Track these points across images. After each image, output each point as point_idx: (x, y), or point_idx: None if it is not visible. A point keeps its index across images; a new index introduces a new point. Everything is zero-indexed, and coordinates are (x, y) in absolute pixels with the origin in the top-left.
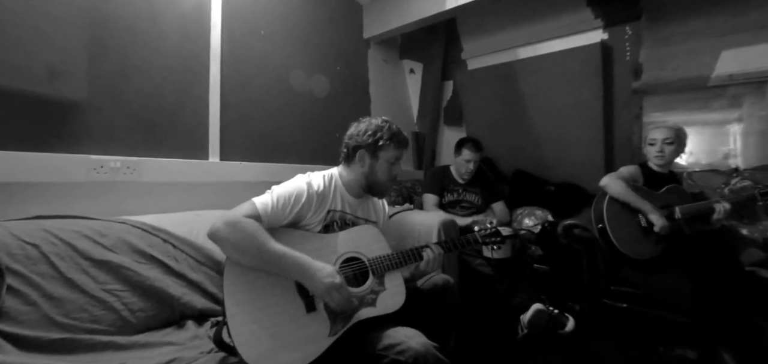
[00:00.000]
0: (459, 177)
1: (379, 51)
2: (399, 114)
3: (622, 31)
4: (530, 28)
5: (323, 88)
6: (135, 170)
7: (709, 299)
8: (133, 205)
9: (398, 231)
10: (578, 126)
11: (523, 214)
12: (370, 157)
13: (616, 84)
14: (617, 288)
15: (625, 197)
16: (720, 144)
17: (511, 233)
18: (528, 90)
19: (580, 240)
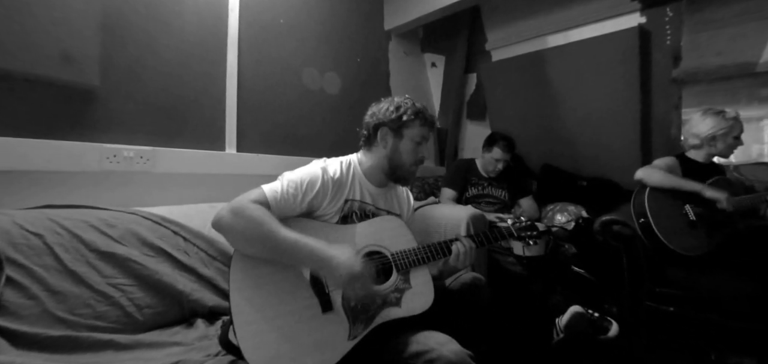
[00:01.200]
0: (485, 171)
1: (401, 43)
2: None
3: (662, 12)
4: (560, 13)
5: (343, 80)
6: (149, 160)
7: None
8: (146, 196)
9: (423, 225)
10: (612, 118)
11: (555, 210)
12: (394, 136)
13: (655, 71)
14: (662, 290)
15: (670, 183)
16: (755, 138)
17: (546, 229)
18: (558, 80)
19: (620, 237)
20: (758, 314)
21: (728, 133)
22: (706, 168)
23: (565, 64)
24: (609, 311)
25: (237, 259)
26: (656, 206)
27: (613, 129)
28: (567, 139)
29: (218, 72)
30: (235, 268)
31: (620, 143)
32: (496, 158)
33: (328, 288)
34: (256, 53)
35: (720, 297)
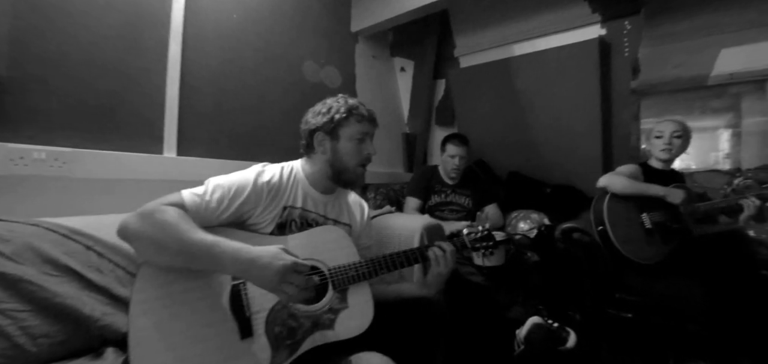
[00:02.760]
0: (446, 176)
1: (369, 46)
2: (389, 113)
3: (620, 25)
4: (526, 23)
5: (304, 82)
6: (66, 163)
7: (725, 306)
8: (62, 205)
9: (378, 236)
10: (576, 125)
11: (518, 217)
12: (330, 139)
13: (615, 82)
14: (621, 296)
15: (631, 189)
16: (711, 146)
17: (505, 238)
18: (523, 88)
19: (580, 245)
20: (710, 317)
21: (651, 135)
22: (667, 175)
23: (531, 72)
24: (571, 318)
25: (144, 274)
26: (614, 214)
27: (576, 137)
28: (533, 146)
29: (158, 67)
30: (139, 286)
31: (583, 151)
32: (451, 154)
33: (249, 310)
34: (204, 49)
35: (675, 302)
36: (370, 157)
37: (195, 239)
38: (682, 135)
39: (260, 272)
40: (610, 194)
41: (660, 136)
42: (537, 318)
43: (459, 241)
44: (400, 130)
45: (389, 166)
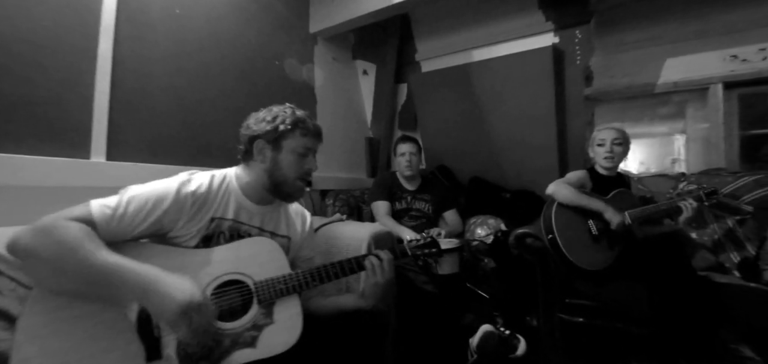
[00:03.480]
0: (402, 177)
1: (329, 48)
2: (351, 117)
3: (572, 34)
4: (484, 29)
5: (257, 83)
6: None
7: (665, 308)
8: None
9: (325, 246)
10: (532, 131)
11: (476, 223)
12: (272, 148)
13: (569, 89)
14: (572, 301)
15: (575, 201)
16: (668, 151)
17: (456, 245)
18: (483, 94)
19: (533, 250)
20: (654, 320)
21: (593, 143)
22: (613, 180)
23: (489, 78)
24: (529, 323)
25: (37, 297)
26: (562, 221)
27: (533, 143)
28: (493, 152)
29: (86, 64)
30: (29, 308)
31: (540, 157)
32: (401, 153)
33: (159, 330)
34: (141, 46)
35: (621, 306)
36: (311, 172)
37: (97, 261)
38: (622, 142)
39: (160, 303)
40: (557, 202)
41: (602, 144)
42: (488, 326)
43: (400, 249)
44: (364, 134)
45: (351, 172)
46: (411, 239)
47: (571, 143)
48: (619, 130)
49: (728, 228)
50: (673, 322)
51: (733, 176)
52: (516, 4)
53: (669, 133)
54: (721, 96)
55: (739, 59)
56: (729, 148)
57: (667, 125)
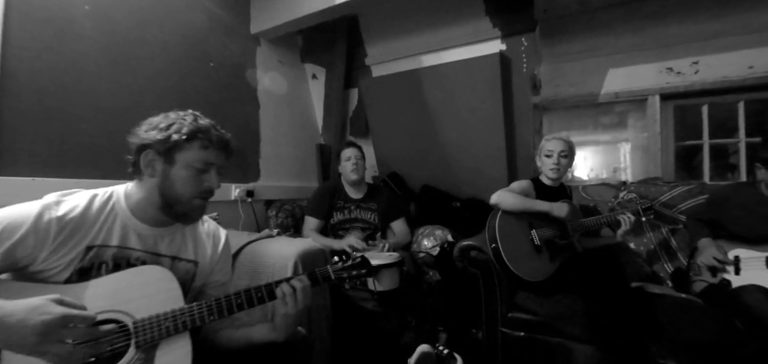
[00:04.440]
0: (349, 186)
1: (274, 50)
2: (300, 123)
3: (518, 42)
4: (433, 34)
5: (186, 89)
6: None
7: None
8: None
9: (251, 266)
10: (482, 139)
11: (424, 234)
12: (163, 161)
13: (516, 97)
14: (514, 315)
15: (520, 206)
16: (614, 159)
17: (395, 260)
18: (433, 100)
19: (477, 263)
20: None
21: (541, 153)
22: (556, 190)
23: (439, 85)
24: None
25: None
26: (505, 231)
27: (482, 150)
28: (444, 159)
29: None
30: None
31: (489, 165)
32: (346, 158)
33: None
34: (39, 44)
35: (560, 320)
36: (212, 190)
37: None
38: (568, 154)
39: (9, 335)
40: (501, 211)
41: (550, 155)
42: (426, 346)
43: (322, 273)
44: (315, 141)
45: (301, 180)
46: (337, 260)
47: (520, 151)
48: (566, 142)
49: (662, 238)
50: (608, 336)
51: (667, 186)
52: (464, 9)
53: (613, 141)
54: (658, 107)
55: (674, 72)
56: (665, 157)
57: (611, 134)
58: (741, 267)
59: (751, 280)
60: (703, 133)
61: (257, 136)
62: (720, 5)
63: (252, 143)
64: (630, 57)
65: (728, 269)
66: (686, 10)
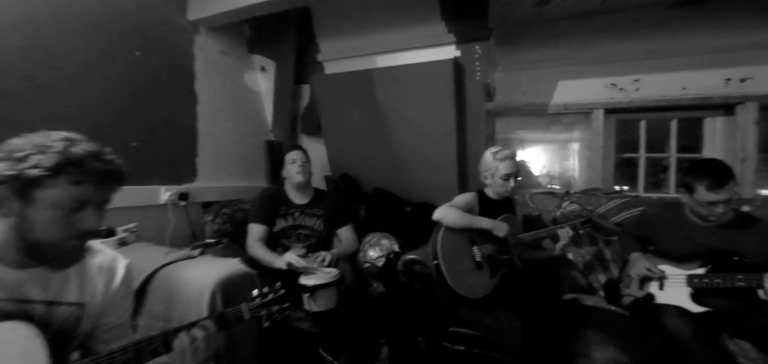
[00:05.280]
0: (293, 190)
1: (216, 40)
2: (247, 118)
3: (472, 49)
4: (388, 34)
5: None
6: None
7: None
8: None
9: (166, 293)
10: (434, 144)
11: (370, 243)
12: (18, 200)
13: (470, 104)
14: (455, 329)
15: (462, 222)
16: (562, 166)
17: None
18: (386, 102)
19: (420, 277)
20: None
21: (495, 174)
22: (501, 204)
23: (393, 87)
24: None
25: None
26: (447, 247)
27: (434, 156)
28: (396, 163)
29: None
30: None
31: (441, 170)
32: (291, 161)
33: None
34: None
35: (498, 335)
36: (92, 231)
37: None
38: (519, 174)
39: None
40: (444, 227)
41: (507, 178)
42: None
43: (233, 314)
44: (263, 137)
45: (247, 179)
46: (256, 294)
47: (472, 158)
48: (518, 164)
49: (598, 249)
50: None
51: (606, 197)
52: (420, 12)
53: (563, 149)
54: (601, 121)
55: (617, 88)
56: (606, 169)
57: (561, 142)
58: (664, 283)
59: (672, 295)
60: (640, 147)
61: (194, 133)
62: (660, 28)
63: (187, 141)
64: (579, 70)
65: (655, 281)
66: (630, 30)
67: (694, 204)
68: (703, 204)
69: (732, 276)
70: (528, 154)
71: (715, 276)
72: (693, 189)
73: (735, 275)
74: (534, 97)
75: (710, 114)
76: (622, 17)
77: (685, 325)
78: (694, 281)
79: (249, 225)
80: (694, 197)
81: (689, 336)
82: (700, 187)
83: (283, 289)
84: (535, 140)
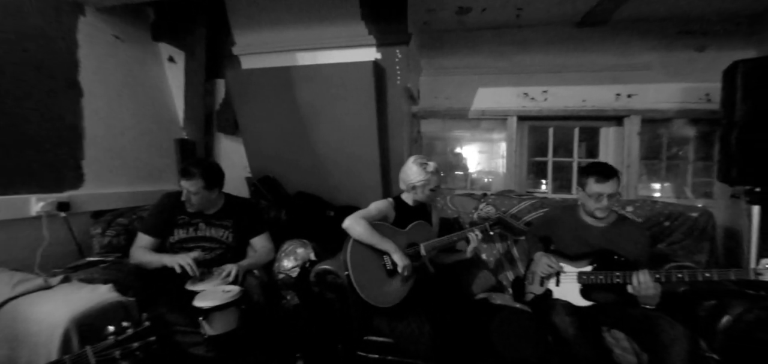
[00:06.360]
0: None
1: (106, 23)
2: (152, 114)
3: (392, 53)
4: (308, 31)
5: None
6: None
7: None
8: None
9: (11, 332)
10: (357, 146)
11: (286, 252)
12: None
13: (391, 107)
14: (370, 338)
15: (366, 239)
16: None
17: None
18: (308, 102)
19: (333, 288)
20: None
21: (425, 186)
22: (416, 210)
23: (314, 86)
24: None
25: None
26: (357, 257)
27: (357, 158)
28: (319, 165)
29: None
30: None
31: (363, 173)
32: (188, 189)
33: None
34: None
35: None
36: None
37: None
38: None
39: None
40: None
41: (434, 190)
42: None
43: (71, 360)
44: (174, 135)
45: (152, 182)
46: (111, 331)
47: (394, 160)
48: (440, 178)
49: (507, 248)
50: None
51: (518, 198)
52: (341, 10)
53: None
54: (515, 127)
55: (529, 97)
56: (520, 172)
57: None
58: (560, 280)
59: (566, 291)
60: (548, 152)
61: (78, 131)
62: (566, 45)
63: (69, 141)
64: (496, 79)
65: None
66: (541, 44)
67: (586, 199)
68: (593, 196)
69: (611, 273)
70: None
71: (599, 273)
72: (585, 184)
73: (613, 272)
74: (456, 103)
75: (605, 124)
76: (534, 32)
77: (569, 322)
78: (583, 278)
79: (138, 234)
80: (585, 191)
81: (573, 332)
82: (590, 180)
83: (147, 321)
84: (459, 143)
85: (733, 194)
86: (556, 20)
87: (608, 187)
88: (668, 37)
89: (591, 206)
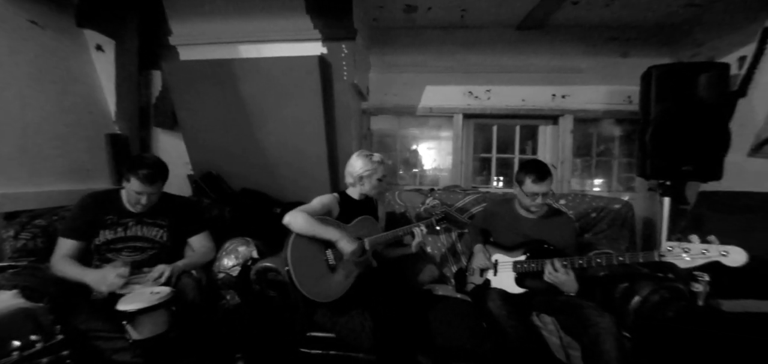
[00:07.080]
0: (131, 207)
1: (18, 6)
2: (80, 108)
3: (339, 48)
4: (251, 22)
5: None
6: None
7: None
8: None
9: None
10: (304, 142)
11: (227, 251)
12: None
13: (338, 102)
14: (312, 334)
15: (310, 231)
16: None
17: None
18: (252, 96)
19: (274, 285)
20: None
21: (372, 175)
22: (361, 204)
23: (258, 80)
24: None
25: None
26: (298, 253)
27: (304, 154)
28: (265, 161)
29: None
30: None
31: (311, 168)
32: (137, 191)
33: None
34: None
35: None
36: None
37: None
38: (386, 174)
39: None
40: (294, 232)
41: (381, 180)
42: None
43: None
44: (104, 130)
45: (80, 181)
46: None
47: (342, 156)
48: (384, 164)
49: (452, 242)
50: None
51: (463, 193)
52: (284, 3)
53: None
54: (460, 124)
55: (473, 96)
56: (466, 167)
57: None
58: (498, 269)
59: (502, 280)
60: (492, 149)
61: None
62: (508, 46)
63: None
64: (443, 77)
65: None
66: (484, 45)
67: (522, 196)
68: (529, 194)
69: (541, 261)
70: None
71: (531, 262)
72: (523, 182)
73: (543, 261)
74: (405, 100)
75: (542, 123)
76: (479, 33)
77: (502, 307)
78: (517, 267)
79: (59, 240)
80: (523, 189)
81: (505, 316)
82: (528, 179)
83: (61, 333)
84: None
85: (650, 187)
86: (497, 23)
87: (544, 186)
88: (597, 43)
89: (527, 203)
